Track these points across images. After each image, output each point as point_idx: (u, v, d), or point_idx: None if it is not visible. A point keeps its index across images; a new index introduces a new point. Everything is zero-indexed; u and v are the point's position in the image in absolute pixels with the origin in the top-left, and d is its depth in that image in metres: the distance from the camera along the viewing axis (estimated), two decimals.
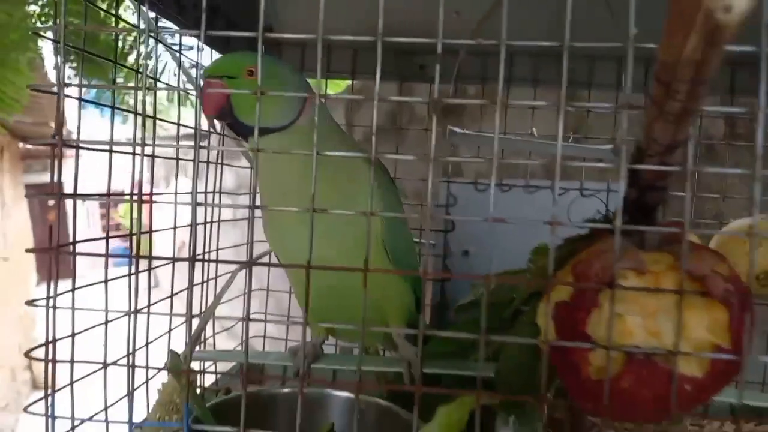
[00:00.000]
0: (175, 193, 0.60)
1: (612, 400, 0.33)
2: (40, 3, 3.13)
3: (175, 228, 0.62)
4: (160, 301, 0.62)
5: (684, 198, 0.33)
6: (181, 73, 0.70)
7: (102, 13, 0.64)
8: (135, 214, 0.42)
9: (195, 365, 0.68)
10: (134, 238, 0.57)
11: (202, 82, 0.53)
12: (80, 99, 0.46)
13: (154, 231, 0.56)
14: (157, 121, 0.59)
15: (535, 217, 0.34)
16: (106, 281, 0.49)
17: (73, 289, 0.45)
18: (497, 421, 0.51)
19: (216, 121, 0.55)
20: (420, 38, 0.38)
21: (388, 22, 0.69)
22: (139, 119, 0.58)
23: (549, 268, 0.34)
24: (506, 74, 0.80)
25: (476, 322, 0.53)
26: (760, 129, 0.32)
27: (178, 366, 0.55)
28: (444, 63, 0.90)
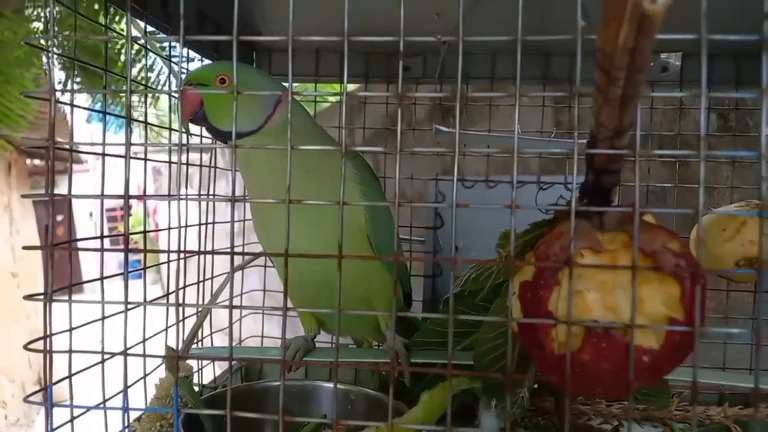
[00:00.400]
0: (168, 195, 0.62)
1: (575, 373, 0.35)
2: (43, 20, 3.19)
3: (169, 228, 0.64)
4: (160, 297, 0.65)
5: (669, 187, 0.35)
6: (173, 80, 0.72)
7: (102, 23, 0.66)
8: (141, 217, 0.44)
9: (192, 363, 0.70)
10: (138, 236, 0.60)
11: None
12: (72, 105, 0.49)
13: (148, 231, 0.59)
14: (164, 130, 0.63)
15: (521, 210, 0.36)
16: (102, 278, 0.51)
17: (71, 285, 0.47)
18: (480, 405, 0.53)
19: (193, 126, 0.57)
20: (394, 44, 0.40)
21: (374, 25, 0.71)
22: (136, 124, 0.60)
23: (511, 251, 0.36)
24: (489, 72, 0.82)
25: (456, 311, 0.55)
26: (703, 113, 0.34)
27: (172, 359, 0.57)
28: (431, 62, 0.92)
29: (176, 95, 0.53)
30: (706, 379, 0.53)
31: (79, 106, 0.50)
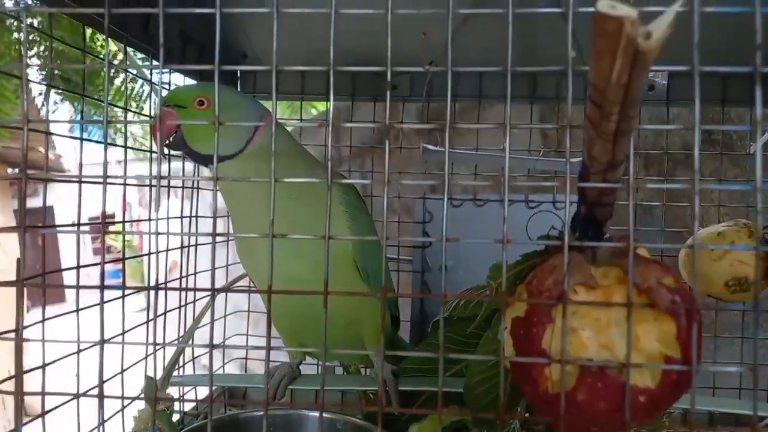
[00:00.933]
0: (149, 219, 0.61)
1: (570, 413, 0.34)
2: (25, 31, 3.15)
3: (150, 254, 0.62)
4: (139, 325, 0.63)
5: (660, 208, 0.34)
6: (155, 102, 0.71)
7: (88, 43, 0.65)
8: (122, 242, 0.43)
9: (174, 390, 0.68)
10: (119, 243, 0.58)
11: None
12: (47, 132, 0.47)
13: (127, 258, 0.57)
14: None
15: (509, 230, 0.35)
16: (77, 310, 0.49)
17: (43, 320, 0.45)
18: None
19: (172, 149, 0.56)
20: (382, 63, 0.38)
21: (359, 44, 0.70)
22: (119, 136, 0.59)
23: (503, 285, 0.35)
24: (477, 92, 0.82)
25: (446, 338, 0.54)
26: (697, 143, 0.34)
27: (153, 392, 0.55)
28: (418, 81, 0.92)
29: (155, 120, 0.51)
30: (702, 405, 0.52)
31: (53, 133, 0.48)
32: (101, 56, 0.84)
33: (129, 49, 0.67)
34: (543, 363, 0.34)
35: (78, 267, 0.50)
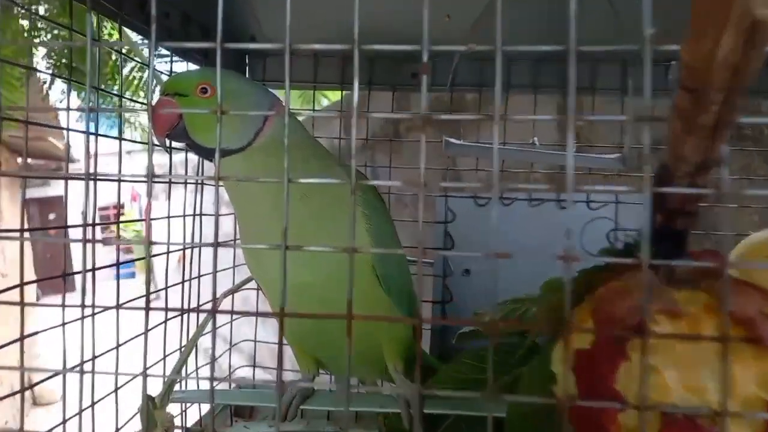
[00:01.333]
0: (147, 219, 0.55)
1: None
2: (32, 18, 3.11)
3: (148, 257, 0.57)
4: (132, 339, 0.57)
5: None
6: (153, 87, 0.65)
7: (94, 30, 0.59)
8: (133, 217, 0.37)
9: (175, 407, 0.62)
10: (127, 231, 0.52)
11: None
12: (26, 122, 0.41)
13: (121, 263, 0.51)
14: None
15: (541, 231, 0.29)
16: (63, 324, 0.44)
17: (22, 338, 0.40)
18: None
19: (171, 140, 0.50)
20: (407, 44, 0.33)
21: (377, 27, 0.63)
22: (127, 124, 0.53)
23: (566, 311, 0.29)
24: (504, 80, 0.75)
25: (482, 357, 0.48)
26: None
27: (150, 412, 0.50)
28: (440, 68, 0.85)
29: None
30: None
31: (34, 123, 0.43)
32: (109, 43, 0.78)
33: (139, 37, 0.61)
34: (616, 408, 0.28)
35: (64, 275, 0.44)
